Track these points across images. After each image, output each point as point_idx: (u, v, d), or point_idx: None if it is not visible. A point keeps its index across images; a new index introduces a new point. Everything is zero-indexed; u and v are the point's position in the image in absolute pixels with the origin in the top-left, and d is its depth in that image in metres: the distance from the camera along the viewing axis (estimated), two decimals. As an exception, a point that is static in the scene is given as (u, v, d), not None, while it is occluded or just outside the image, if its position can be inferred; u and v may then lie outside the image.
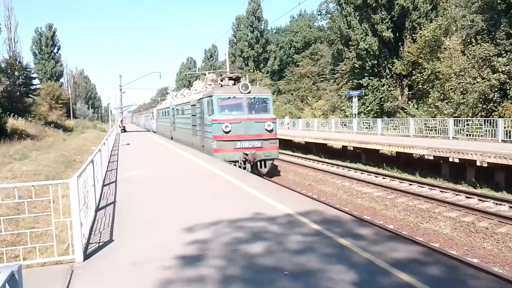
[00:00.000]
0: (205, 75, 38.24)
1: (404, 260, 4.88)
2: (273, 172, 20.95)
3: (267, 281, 4.35)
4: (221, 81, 20.00)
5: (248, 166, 17.05)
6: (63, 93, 68.50)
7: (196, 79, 39.56)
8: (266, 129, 17.55)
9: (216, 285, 4.30)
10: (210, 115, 17.92)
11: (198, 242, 5.71)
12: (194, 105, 21.26)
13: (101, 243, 5.86)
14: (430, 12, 32.63)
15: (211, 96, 17.84)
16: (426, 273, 4.47)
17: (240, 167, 16.29)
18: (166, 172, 12.85)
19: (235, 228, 6.33)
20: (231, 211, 7.40)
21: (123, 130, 44.19)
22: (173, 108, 30.49)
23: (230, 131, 17.03)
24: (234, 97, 17.63)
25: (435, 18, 31.23)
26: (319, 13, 64.49)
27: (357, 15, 36.42)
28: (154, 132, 45.69)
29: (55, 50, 76.58)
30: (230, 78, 19.95)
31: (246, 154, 17.05)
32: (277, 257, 5.05)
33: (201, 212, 7.43)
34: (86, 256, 5.30)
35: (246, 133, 17.22)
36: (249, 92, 17.63)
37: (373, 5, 34.38)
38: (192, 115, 22.09)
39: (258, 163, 17.55)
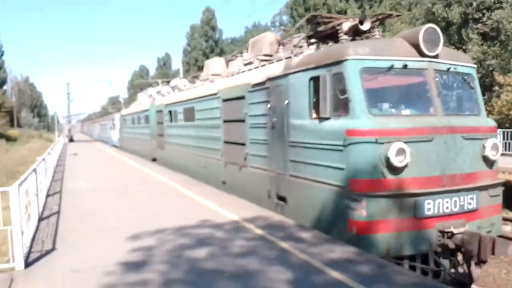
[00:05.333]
0: (158, 84, 36.25)
1: (338, 260, 5.21)
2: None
3: (207, 283, 4.53)
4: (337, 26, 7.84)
5: (445, 264, 6.46)
6: (7, 101, 65.39)
7: (148, 87, 32.26)
8: (484, 158, 7.01)
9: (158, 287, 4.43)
10: (328, 119, 6.85)
11: (142, 249, 5.78)
12: (241, 98, 9.97)
13: (43, 252, 5.81)
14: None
15: (342, 62, 6.63)
16: (357, 271, 4.81)
17: (426, 272, 6.26)
18: (112, 182, 12.69)
19: (180, 235, 6.44)
20: (178, 219, 7.49)
21: (70, 140, 43.41)
22: (158, 111, 18.99)
23: (406, 166, 6.16)
24: (406, 66, 6.67)
25: (383, 33, 32.85)
26: (273, 25, 65.78)
27: (310, 28, 37.58)
28: (116, 146, 34.66)
29: (-3, 56, 72.99)
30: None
31: (447, 235, 6.30)
32: (220, 261, 5.24)
33: (147, 220, 7.46)
34: (27, 264, 5.24)
35: (445, 172, 6.50)
36: (436, 56, 6.92)
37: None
38: (229, 121, 10.82)
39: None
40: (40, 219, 7.83)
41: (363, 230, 6.09)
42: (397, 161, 5.99)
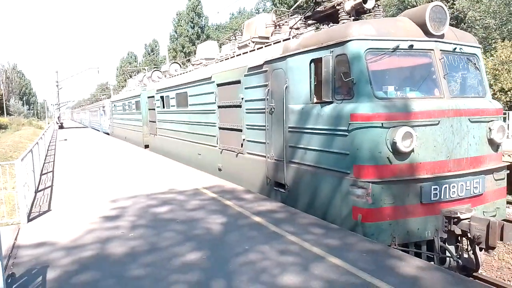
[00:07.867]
0: (146, 70, 36.12)
1: (264, 210, 6.99)
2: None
3: (162, 226, 6.29)
4: None
5: (450, 249, 6.40)
6: (-4, 89, 66.09)
7: (137, 74, 30.23)
8: (490, 141, 6.94)
9: (126, 229, 6.17)
10: (331, 103, 6.69)
11: (119, 208, 7.51)
12: (236, 82, 9.83)
13: (41, 212, 7.51)
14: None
15: (346, 43, 6.40)
16: (274, 217, 6.59)
17: (433, 259, 6.29)
18: (99, 162, 14.34)
19: (150, 199, 8.18)
20: (150, 187, 9.23)
21: (60, 127, 44.92)
22: (150, 97, 18.85)
23: (412, 151, 6.09)
24: (411, 46, 6.50)
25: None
26: (257, 11, 66.91)
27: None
28: (107, 133, 34.83)
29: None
30: None
31: (453, 220, 6.24)
32: (175, 213, 7.00)
33: (125, 190, 9.16)
34: (29, 220, 6.93)
35: (451, 157, 6.45)
36: (442, 36, 6.79)
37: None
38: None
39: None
40: (36, 191, 9.51)
41: (369, 218, 5.97)
42: (403, 146, 5.86)
